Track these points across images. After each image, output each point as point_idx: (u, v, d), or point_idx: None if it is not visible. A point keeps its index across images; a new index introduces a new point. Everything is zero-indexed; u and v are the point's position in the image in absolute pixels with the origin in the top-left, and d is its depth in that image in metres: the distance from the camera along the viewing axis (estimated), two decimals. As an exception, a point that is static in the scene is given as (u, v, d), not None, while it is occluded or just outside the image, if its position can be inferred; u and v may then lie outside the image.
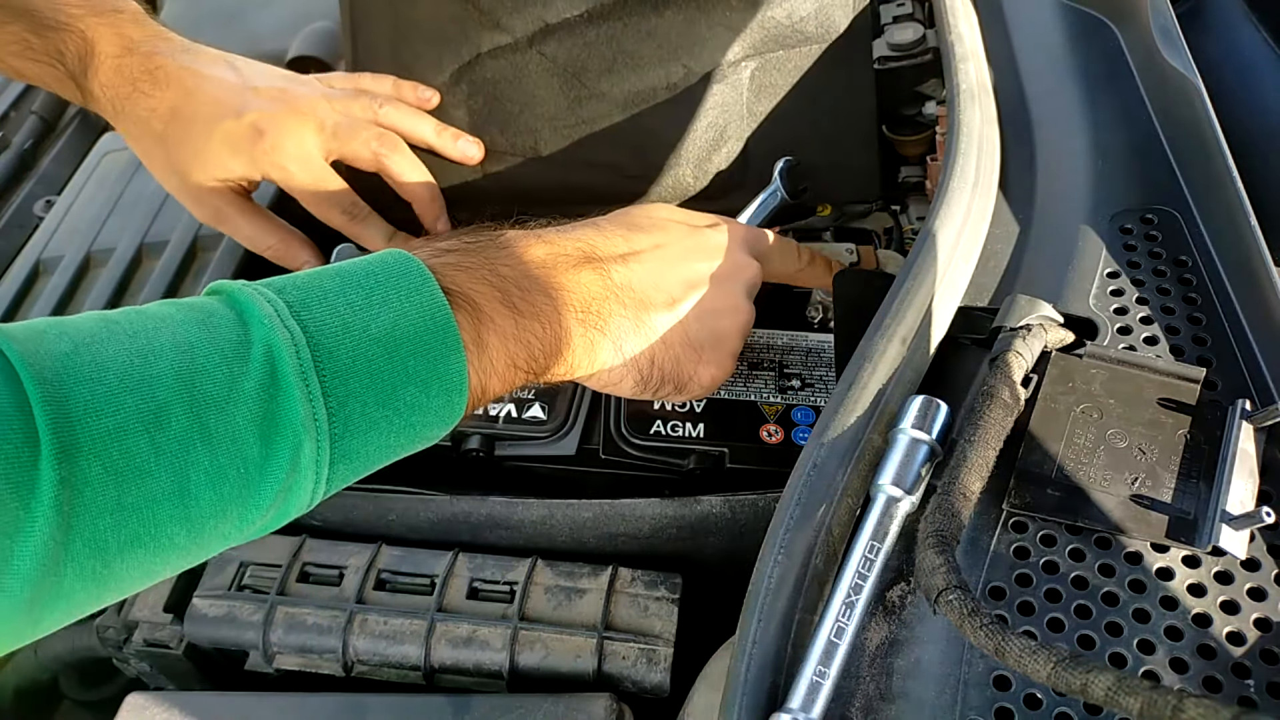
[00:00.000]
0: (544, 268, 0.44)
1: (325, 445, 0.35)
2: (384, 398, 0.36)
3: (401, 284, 0.38)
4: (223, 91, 0.57)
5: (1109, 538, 0.37)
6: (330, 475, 0.36)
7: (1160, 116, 0.53)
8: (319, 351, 0.35)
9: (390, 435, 0.37)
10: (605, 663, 0.48)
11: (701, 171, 0.63)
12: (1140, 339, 0.44)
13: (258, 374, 0.33)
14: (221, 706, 0.48)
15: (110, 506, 0.30)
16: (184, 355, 0.33)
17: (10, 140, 0.87)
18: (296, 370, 0.34)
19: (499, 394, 0.42)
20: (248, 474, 0.33)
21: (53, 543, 0.29)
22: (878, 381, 0.41)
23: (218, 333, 0.34)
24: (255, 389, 0.33)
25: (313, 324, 0.35)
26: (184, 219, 0.71)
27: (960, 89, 0.55)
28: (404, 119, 0.62)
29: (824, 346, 0.58)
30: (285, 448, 0.34)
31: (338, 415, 0.35)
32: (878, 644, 0.36)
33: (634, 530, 0.52)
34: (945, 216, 0.47)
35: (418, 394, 0.37)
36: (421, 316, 0.38)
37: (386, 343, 0.36)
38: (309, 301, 0.36)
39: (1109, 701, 0.28)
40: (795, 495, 0.38)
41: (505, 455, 0.56)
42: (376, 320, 0.37)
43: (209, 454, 0.32)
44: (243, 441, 0.33)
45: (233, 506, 0.33)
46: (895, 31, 0.68)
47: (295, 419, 0.34)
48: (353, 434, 0.35)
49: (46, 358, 0.30)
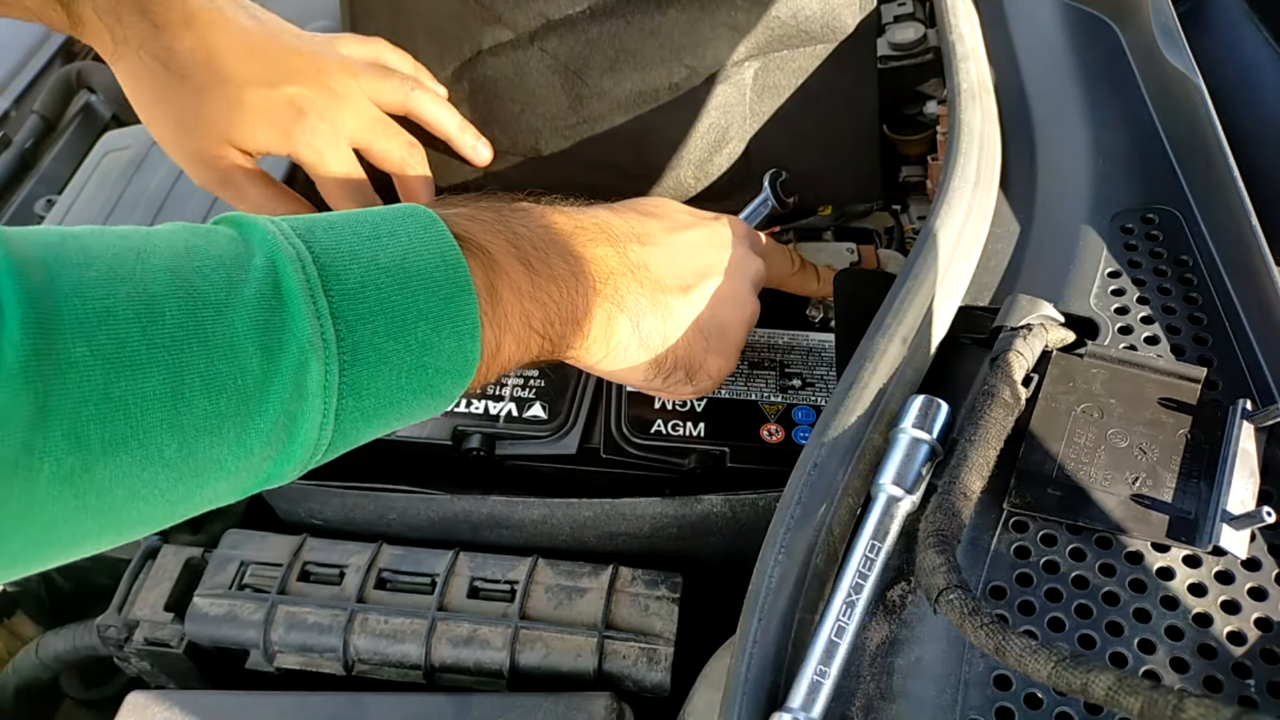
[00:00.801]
0: (563, 234, 0.43)
1: (334, 370, 0.32)
2: (395, 330, 0.34)
3: (409, 223, 0.36)
4: (254, 49, 0.52)
5: (1110, 537, 0.37)
6: (340, 409, 0.33)
7: (1161, 116, 0.53)
8: (326, 273, 0.33)
9: (402, 376, 0.35)
10: (606, 662, 0.48)
11: (703, 172, 0.63)
12: (1141, 339, 0.44)
13: (258, 283, 0.31)
14: (222, 705, 0.49)
15: (95, 395, 0.27)
16: (180, 256, 0.31)
17: (11, 139, 0.87)
18: (303, 285, 0.32)
19: (515, 359, 0.40)
20: (246, 387, 0.30)
21: (25, 425, 0.26)
22: (878, 381, 0.41)
23: (215, 243, 0.32)
24: (255, 298, 0.31)
25: (318, 246, 0.33)
26: (185, 218, 0.71)
27: (961, 88, 0.55)
28: (432, 108, 0.60)
29: (825, 346, 0.58)
30: (289, 364, 0.31)
31: (346, 340, 0.33)
32: (878, 643, 0.36)
33: (635, 529, 0.52)
34: (946, 216, 0.47)
35: (429, 332, 0.35)
36: (431, 254, 0.36)
37: (396, 273, 0.34)
38: (314, 228, 0.34)
39: (1109, 701, 0.28)
40: (796, 494, 0.38)
41: (506, 454, 0.56)
42: (385, 251, 0.35)
43: (204, 356, 0.29)
44: (241, 350, 0.30)
45: (229, 422, 0.30)
46: (896, 31, 0.68)
47: (301, 334, 0.31)
48: (362, 364, 0.33)
49: (29, 244, 0.28)
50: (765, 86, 0.62)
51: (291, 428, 0.32)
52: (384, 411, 0.35)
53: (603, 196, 0.54)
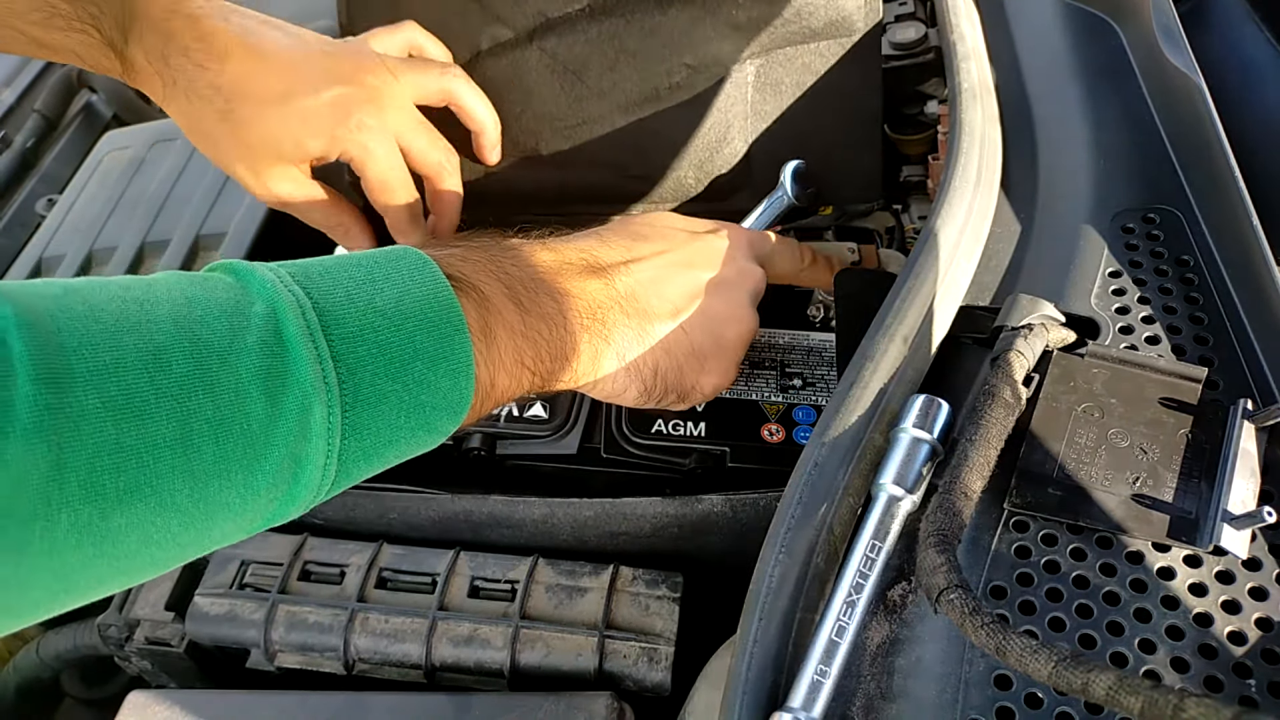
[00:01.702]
0: (550, 272, 0.44)
1: (336, 412, 0.33)
2: (394, 370, 0.35)
3: (401, 265, 0.38)
4: (291, 63, 0.53)
5: (1110, 537, 0.37)
6: (343, 449, 0.34)
7: (1162, 115, 0.53)
8: (326, 317, 0.34)
9: (401, 415, 0.36)
10: (606, 661, 0.48)
11: (704, 172, 0.63)
12: (1142, 338, 0.44)
13: (259, 330, 0.32)
14: (223, 705, 0.49)
15: (109, 445, 0.28)
16: (181, 306, 0.32)
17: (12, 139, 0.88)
18: (303, 330, 0.33)
19: (507, 395, 0.41)
20: (252, 430, 0.31)
21: (42, 478, 0.27)
22: (879, 381, 0.41)
23: (215, 292, 0.33)
24: (257, 344, 0.32)
25: (316, 291, 0.34)
26: (185, 218, 0.71)
27: (962, 88, 0.55)
28: (470, 94, 0.60)
29: (825, 345, 0.58)
30: (292, 407, 0.32)
31: (348, 382, 0.34)
32: (879, 643, 0.36)
33: (635, 529, 0.52)
34: (947, 216, 0.47)
35: (426, 371, 0.36)
36: (425, 295, 0.37)
37: (393, 315, 0.35)
38: (310, 274, 0.35)
39: (1110, 701, 0.28)
40: (797, 494, 0.38)
41: (507, 454, 0.56)
42: (381, 294, 0.36)
43: (211, 403, 0.30)
44: (246, 395, 0.31)
45: (236, 466, 0.31)
46: (897, 30, 0.68)
47: (303, 378, 0.32)
48: (364, 404, 0.34)
49: (34, 298, 0.29)
50: (766, 85, 0.62)
51: (296, 469, 0.33)
52: (383, 450, 0.36)
53: (603, 196, 0.54)
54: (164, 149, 0.78)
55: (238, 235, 0.69)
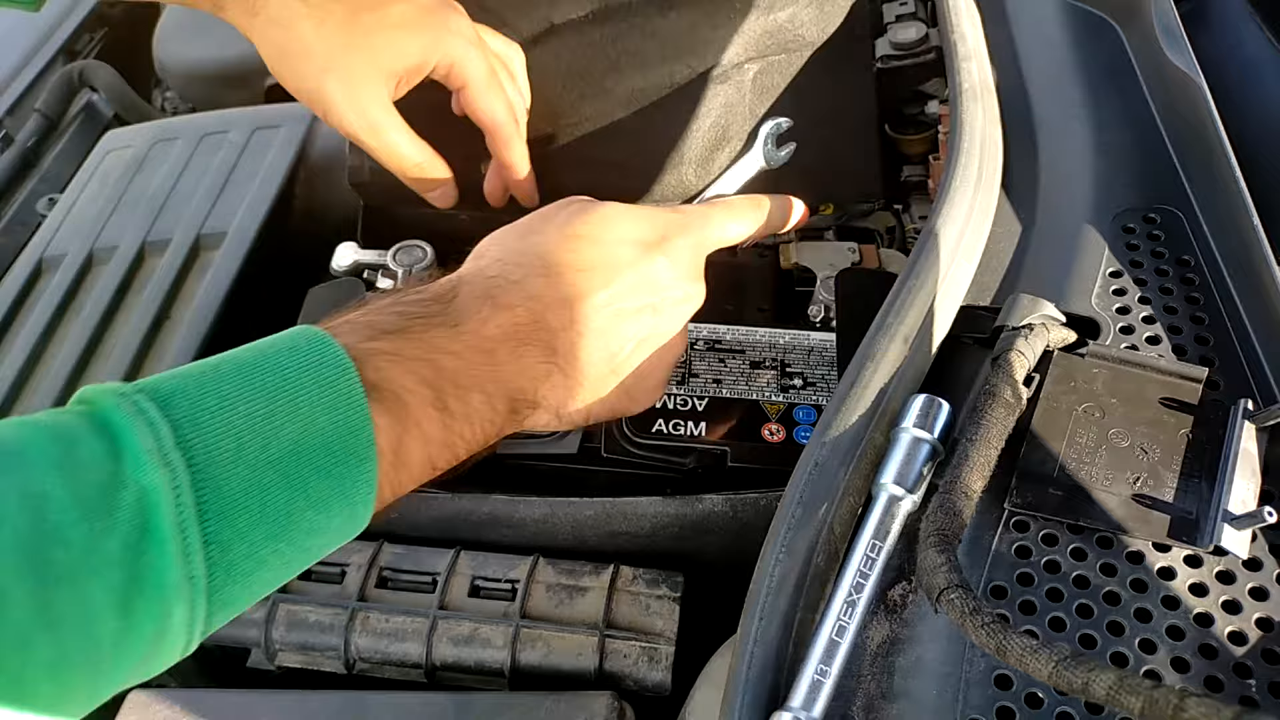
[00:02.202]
0: (490, 354, 0.41)
1: (201, 604, 0.30)
2: (276, 530, 0.32)
3: (315, 377, 0.34)
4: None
5: (1111, 537, 0.37)
6: (206, 629, 0.32)
7: (1163, 115, 0.53)
8: (204, 491, 0.30)
9: (279, 570, 0.33)
10: (607, 661, 0.48)
11: (704, 171, 0.63)
12: (1142, 338, 0.44)
13: (124, 530, 0.28)
14: (223, 704, 0.49)
15: None
16: (33, 514, 0.27)
17: (13, 138, 0.88)
18: (174, 521, 0.29)
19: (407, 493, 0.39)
20: (99, 658, 0.28)
21: None
22: (880, 380, 0.41)
23: (81, 475, 0.29)
24: (119, 550, 0.28)
25: (201, 451, 0.31)
26: (186, 217, 0.71)
27: (963, 88, 0.55)
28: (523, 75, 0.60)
29: (826, 345, 0.58)
30: (150, 618, 0.29)
31: (218, 565, 0.30)
32: (879, 643, 0.36)
33: (635, 529, 0.52)
34: (948, 216, 0.47)
35: (315, 518, 0.33)
36: (332, 425, 0.33)
37: (288, 465, 0.32)
38: (200, 417, 0.31)
39: (1110, 700, 0.28)
40: (797, 494, 0.38)
41: (507, 454, 0.56)
42: (279, 435, 0.32)
43: (52, 643, 0.27)
44: (97, 620, 0.28)
45: (77, 694, 0.28)
46: (898, 30, 0.68)
47: (166, 583, 0.29)
48: (235, 580, 0.31)
49: None
50: (765, 87, 0.62)
51: (148, 662, 0.31)
52: (256, 598, 0.34)
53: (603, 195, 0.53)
54: (165, 148, 0.78)
55: (238, 235, 0.69)
